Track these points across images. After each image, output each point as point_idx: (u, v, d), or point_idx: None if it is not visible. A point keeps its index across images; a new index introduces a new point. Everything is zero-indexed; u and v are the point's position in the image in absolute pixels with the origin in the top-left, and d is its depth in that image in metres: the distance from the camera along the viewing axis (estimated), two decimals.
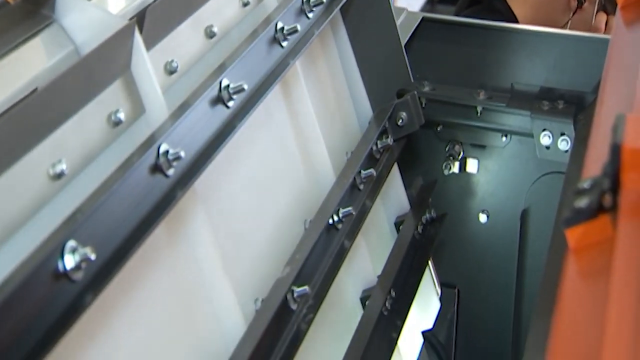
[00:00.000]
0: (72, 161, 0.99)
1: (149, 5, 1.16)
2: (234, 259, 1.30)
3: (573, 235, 0.88)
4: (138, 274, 1.08)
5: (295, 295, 1.32)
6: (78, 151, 1.00)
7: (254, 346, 1.20)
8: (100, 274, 0.91)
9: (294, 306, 1.33)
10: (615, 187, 0.85)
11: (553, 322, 0.84)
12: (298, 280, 1.34)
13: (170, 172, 1.07)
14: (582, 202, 0.87)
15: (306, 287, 1.33)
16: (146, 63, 1.10)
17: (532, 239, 1.89)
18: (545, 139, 1.75)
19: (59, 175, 0.96)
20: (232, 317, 1.26)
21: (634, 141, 0.84)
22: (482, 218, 1.92)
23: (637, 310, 0.72)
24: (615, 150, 0.85)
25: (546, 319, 1.00)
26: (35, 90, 0.98)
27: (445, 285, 1.99)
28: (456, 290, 2.01)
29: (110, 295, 1.00)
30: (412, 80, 1.80)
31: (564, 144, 1.74)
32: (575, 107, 1.75)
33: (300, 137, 1.55)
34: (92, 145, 1.03)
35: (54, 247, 0.86)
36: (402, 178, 1.83)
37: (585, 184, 0.89)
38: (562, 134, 1.74)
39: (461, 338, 2.02)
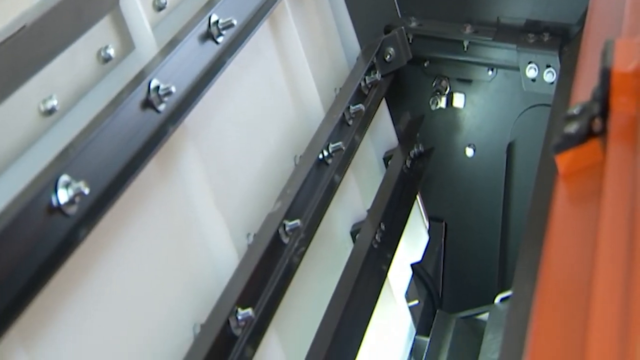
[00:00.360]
0: (63, 97, 0.97)
1: None
2: (225, 194, 1.29)
3: (563, 160, 0.87)
4: (131, 209, 1.07)
5: (287, 229, 1.32)
6: (69, 87, 0.98)
7: (246, 280, 1.20)
8: (94, 209, 0.90)
9: (286, 240, 1.32)
10: (604, 111, 0.84)
11: (544, 246, 0.84)
12: (289, 215, 1.33)
13: (161, 107, 1.05)
14: (572, 128, 0.86)
15: (297, 221, 1.32)
16: None
17: (517, 171, 1.88)
18: (531, 72, 1.73)
19: (50, 111, 0.94)
20: (224, 251, 1.26)
21: (623, 65, 0.83)
22: (469, 152, 1.91)
23: (629, 231, 0.72)
24: (605, 75, 0.84)
25: (535, 246, 1.00)
26: (24, 27, 0.96)
27: (433, 219, 1.98)
28: (444, 224, 2.01)
29: (104, 230, 0.99)
30: (400, 16, 1.77)
31: (549, 76, 1.72)
32: (560, 39, 1.73)
33: (289, 74, 1.53)
34: (82, 81, 1.01)
35: (47, 182, 0.84)
36: (390, 114, 1.82)
37: (574, 110, 0.88)
38: (548, 66, 1.72)
39: (449, 270, 2.02)
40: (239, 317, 1.16)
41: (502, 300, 1.77)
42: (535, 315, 0.77)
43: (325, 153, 1.47)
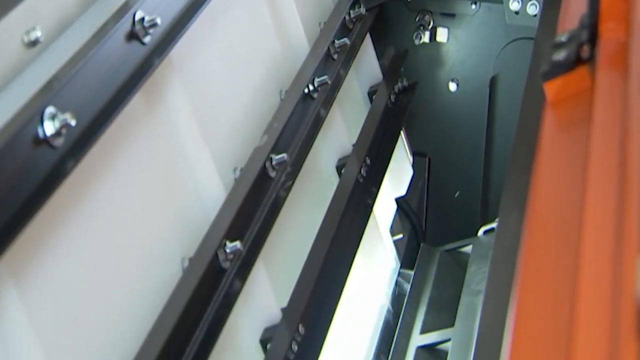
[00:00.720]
0: (47, 28, 0.94)
1: None
2: (211, 128, 1.27)
3: (551, 88, 0.85)
4: (118, 144, 1.06)
5: (273, 163, 1.30)
6: (52, 18, 0.95)
7: (234, 213, 1.19)
8: (81, 141, 0.88)
9: (272, 174, 1.31)
10: (593, 38, 0.83)
11: (533, 174, 0.83)
12: (276, 149, 1.32)
13: (147, 39, 1.03)
14: (560, 55, 0.84)
15: (284, 155, 1.31)
16: None
17: (500, 105, 1.87)
18: (514, 5, 1.71)
19: (34, 43, 0.91)
20: (211, 186, 1.24)
21: None
22: (452, 87, 1.89)
23: (619, 157, 0.71)
24: (594, 0, 0.82)
25: (521, 176, 0.99)
26: None
27: (416, 154, 1.97)
28: (427, 159, 1.99)
29: (91, 163, 0.97)
30: None
31: (532, 9, 1.70)
32: None
33: (274, 8, 1.50)
34: (66, 12, 0.98)
35: (33, 114, 0.82)
36: (375, 49, 1.79)
37: (562, 37, 0.86)
38: None
39: (432, 204, 2.02)
40: (227, 250, 1.15)
41: (485, 232, 1.78)
42: (525, 243, 0.76)
43: (311, 87, 1.44)
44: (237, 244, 1.15)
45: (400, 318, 1.64)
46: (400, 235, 1.82)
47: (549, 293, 0.67)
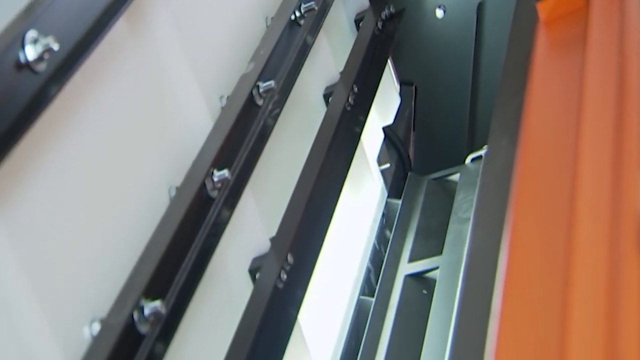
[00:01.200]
0: None
1: None
2: (197, 56, 1.24)
3: (544, 7, 0.84)
4: (102, 71, 1.03)
5: (260, 90, 1.28)
6: None
7: (221, 141, 1.18)
8: (64, 66, 0.86)
9: (259, 102, 1.29)
10: None
11: (526, 94, 0.81)
12: (263, 76, 1.30)
13: None
14: None
15: (271, 82, 1.29)
16: None
17: (488, 31, 1.84)
18: None
19: None
20: (198, 114, 1.23)
21: None
22: (439, 13, 1.86)
23: (616, 75, 0.69)
24: None
25: (512, 99, 0.97)
26: None
27: (403, 83, 1.95)
28: (414, 87, 1.98)
29: (75, 91, 0.95)
30: None
31: None
32: None
33: None
34: None
35: (14, 38, 0.80)
36: None
37: None
38: None
39: (419, 133, 2.00)
40: (215, 179, 1.13)
41: (473, 160, 1.77)
42: (518, 165, 0.75)
43: (297, 13, 1.42)
44: (225, 172, 1.14)
45: (388, 247, 1.65)
46: (388, 165, 1.81)
47: (544, 215, 0.66)
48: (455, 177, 1.79)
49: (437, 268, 1.57)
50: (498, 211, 0.85)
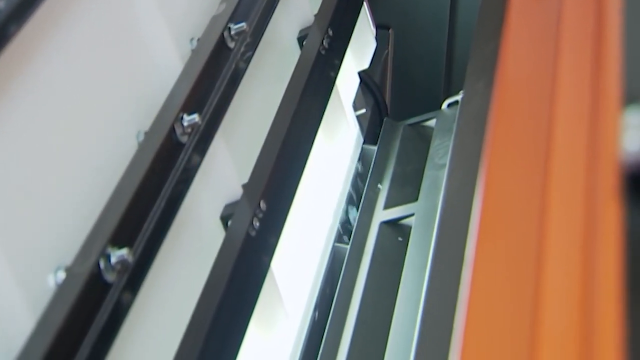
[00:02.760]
0: None
1: None
2: None
3: None
4: (65, 10, 1.00)
5: (232, 32, 1.25)
6: None
7: (191, 85, 1.15)
8: (23, 3, 0.83)
9: (231, 44, 1.26)
10: None
11: (503, 37, 0.79)
12: (234, 18, 1.27)
13: None
14: None
15: (243, 24, 1.26)
16: None
17: None
18: None
19: None
20: (167, 57, 1.20)
21: None
22: None
23: (592, 16, 0.67)
24: None
25: (488, 42, 0.95)
26: None
27: (379, 26, 1.93)
28: (390, 31, 1.95)
29: (38, 29, 0.92)
30: None
31: None
32: None
33: None
34: None
35: None
36: None
37: None
38: None
39: (396, 78, 1.99)
40: (185, 124, 1.11)
41: (449, 105, 1.75)
42: (494, 109, 0.74)
43: None
44: (195, 117, 1.12)
45: (363, 194, 1.64)
46: (364, 110, 1.80)
47: (519, 159, 0.64)
48: (432, 122, 1.77)
49: (412, 215, 1.56)
50: (474, 156, 0.84)
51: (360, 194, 1.65)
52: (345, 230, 1.60)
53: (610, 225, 0.44)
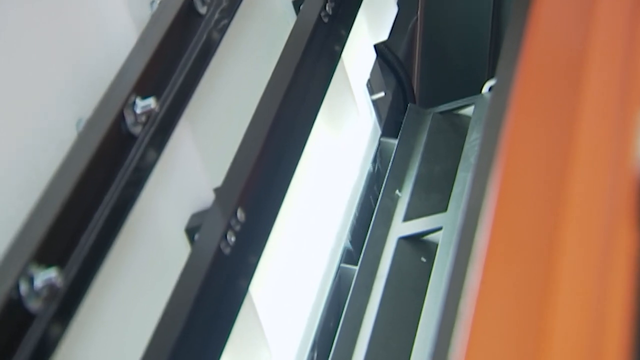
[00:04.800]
0: None
1: None
2: None
3: None
4: None
5: None
6: None
7: (148, 59, 1.15)
8: None
9: (202, 9, 1.27)
10: None
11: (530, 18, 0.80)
12: None
13: None
14: None
15: None
16: None
17: None
18: None
19: None
20: (119, 24, 1.21)
21: None
22: None
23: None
24: None
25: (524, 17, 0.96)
26: None
27: None
28: None
29: None
30: None
31: None
32: None
33: None
34: None
35: None
36: None
37: None
38: None
39: (425, 52, 1.99)
40: (138, 110, 1.12)
41: (491, 89, 1.76)
42: (514, 103, 0.74)
43: None
44: (152, 101, 1.12)
45: (378, 201, 1.65)
46: (382, 93, 1.81)
47: (537, 166, 0.65)
48: (469, 110, 1.79)
49: (439, 229, 1.58)
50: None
51: (374, 202, 1.66)
52: (354, 247, 1.61)
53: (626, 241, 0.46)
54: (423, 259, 1.58)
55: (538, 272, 0.60)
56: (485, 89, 1.77)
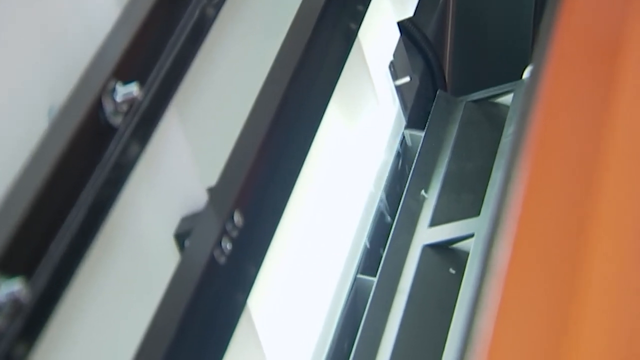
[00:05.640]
0: None
1: None
2: None
3: None
4: None
5: None
6: None
7: (130, 39, 1.16)
8: None
9: None
10: None
11: None
12: None
13: None
14: None
15: None
16: None
17: None
18: None
19: None
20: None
21: None
22: None
23: None
24: None
25: None
26: None
27: None
28: None
29: None
30: None
31: None
32: None
33: None
34: None
35: None
36: None
37: None
38: None
39: (458, 32, 2.00)
40: (119, 98, 1.12)
41: None
42: (548, 90, 0.75)
43: None
44: (134, 87, 1.13)
45: (401, 203, 1.66)
46: (407, 78, 1.81)
47: (571, 155, 0.65)
48: (507, 98, 1.80)
49: (471, 236, 1.59)
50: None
51: (396, 203, 1.66)
52: (372, 256, 1.61)
53: None
54: (452, 270, 1.58)
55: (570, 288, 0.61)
56: (526, 74, 1.76)
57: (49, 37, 1.15)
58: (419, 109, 1.82)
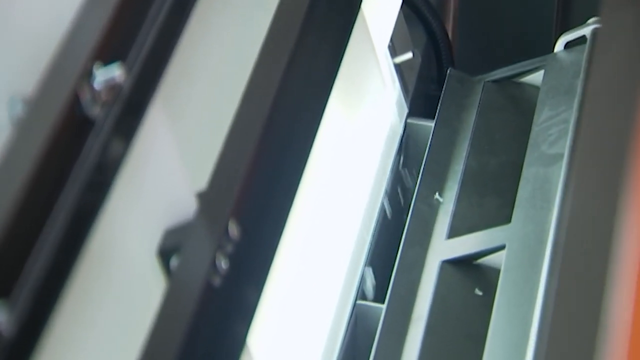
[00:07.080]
0: None
1: None
2: None
3: None
4: None
5: None
6: None
7: (109, 17, 1.17)
8: None
9: None
10: None
11: None
12: None
13: None
14: None
15: None
16: None
17: None
18: None
19: None
20: None
21: None
22: None
23: None
24: None
25: None
26: None
27: None
28: None
29: None
30: None
31: None
32: None
33: None
34: None
35: None
36: None
37: None
38: None
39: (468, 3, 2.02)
40: (97, 84, 1.14)
41: (567, 46, 1.76)
42: None
43: None
44: (115, 70, 1.15)
45: (411, 209, 1.67)
46: (409, 54, 1.82)
47: None
48: (536, 77, 1.81)
49: (502, 248, 1.59)
50: (618, 141, 0.88)
51: (406, 209, 1.69)
52: (379, 269, 1.65)
53: None
54: (478, 292, 1.59)
55: None
56: (559, 46, 1.77)
57: (13, 11, 1.16)
58: (423, 92, 1.84)
